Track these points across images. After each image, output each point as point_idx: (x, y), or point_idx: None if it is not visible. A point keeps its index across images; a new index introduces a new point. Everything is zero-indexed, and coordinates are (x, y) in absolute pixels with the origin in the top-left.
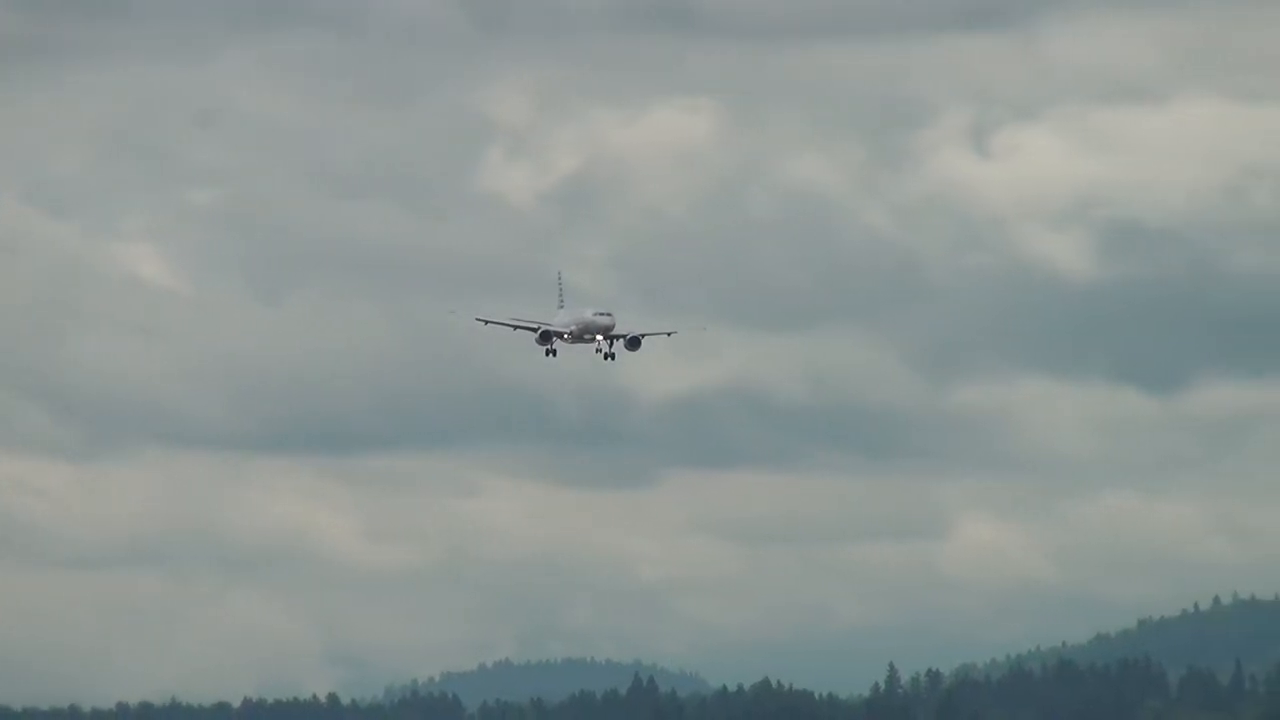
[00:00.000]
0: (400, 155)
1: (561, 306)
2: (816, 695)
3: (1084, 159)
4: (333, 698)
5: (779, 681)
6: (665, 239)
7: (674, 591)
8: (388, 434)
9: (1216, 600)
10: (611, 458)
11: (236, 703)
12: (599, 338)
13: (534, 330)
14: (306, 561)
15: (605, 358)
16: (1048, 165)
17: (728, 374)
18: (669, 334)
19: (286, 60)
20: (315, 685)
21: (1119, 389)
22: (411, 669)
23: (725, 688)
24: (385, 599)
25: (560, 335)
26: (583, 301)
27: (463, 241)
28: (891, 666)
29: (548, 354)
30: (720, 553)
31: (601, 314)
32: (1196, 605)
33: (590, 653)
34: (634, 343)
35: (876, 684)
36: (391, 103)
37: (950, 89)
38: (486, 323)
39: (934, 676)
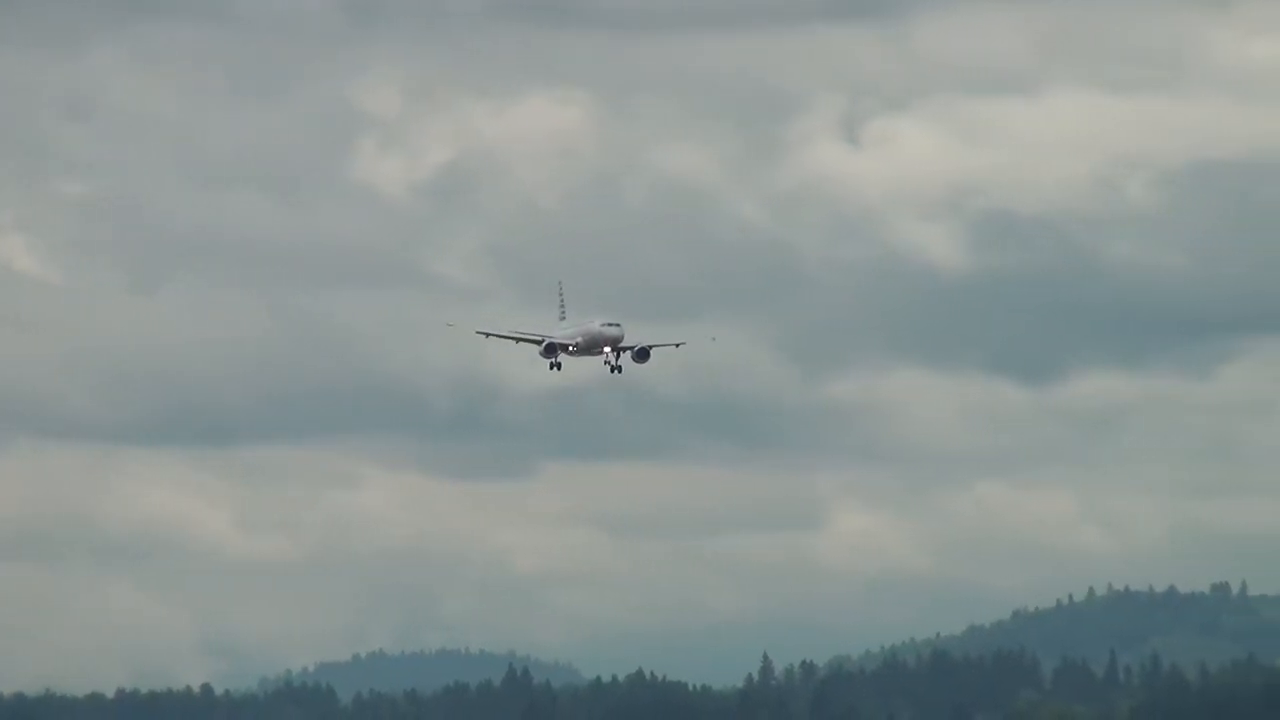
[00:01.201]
0: (272, 147)
1: (563, 318)
2: (690, 686)
3: (956, 150)
4: (206, 688)
5: (653, 673)
6: (538, 230)
7: (549, 583)
8: (262, 425)
9: (1090, 591)
10: (487, 449)
11: (110, 693)
12: (606, 349)
13: (537, 343)
14: (181, 552)
15: (612, 370)
16: (920, 156)
17: (603, 365)
18: (677, 345)
19: (158, 51)
20: (189, 676)
21: (992, 380)
22: (286, 660)
23: (599, 679)
24: (260, 590)
25: (566, 348)
26: (585, 312)
27: (335, 233)
28: (765, 658)
29: (552, 367)
30: (595, 544)
31: (610, 325)
32: (1070, 596)
33: (465, 644)
34: (642, 354)
35: (750, 675)
36: (263, 94)
37: (822, 80)
38: (488, 335)
39: (808, 668)
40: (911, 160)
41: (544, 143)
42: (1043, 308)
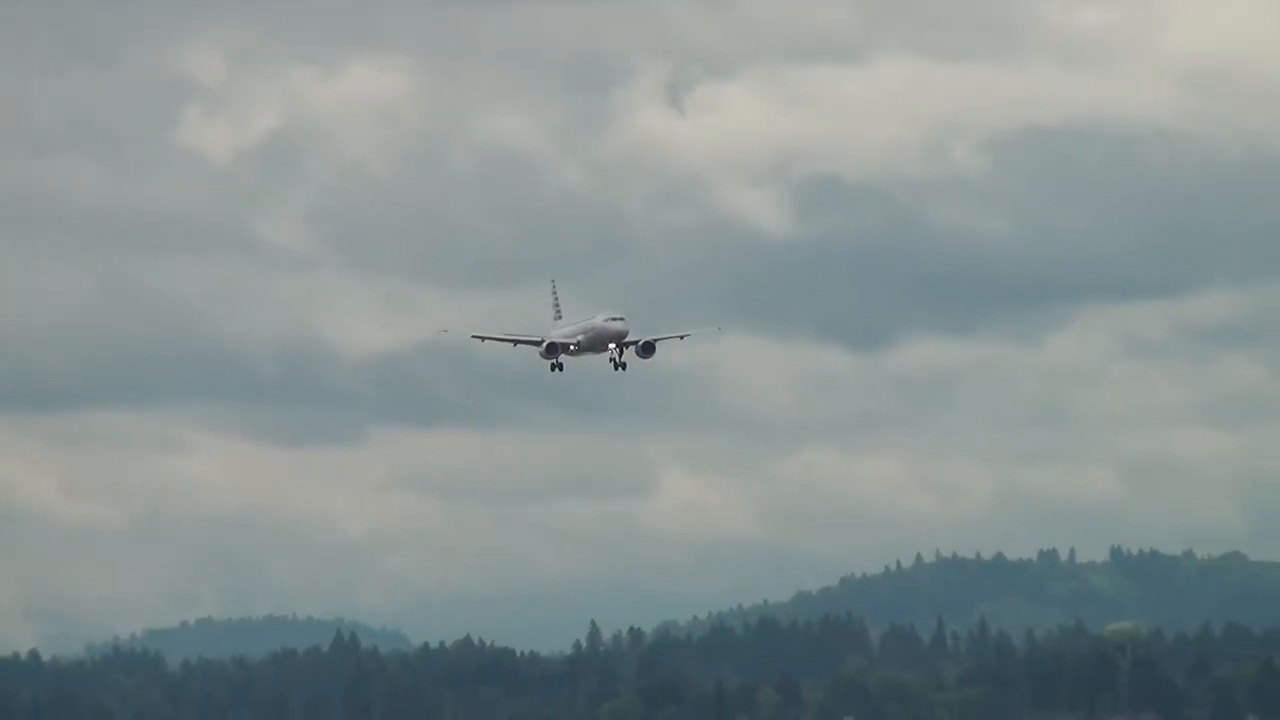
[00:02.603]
0: (98, 112)
1: (559, 317)
2: (518, 652)
3: (782, 116)
4: (34, 654)
5: (480, 638)
6: (365, 196)
7: (377, 549)
8: (89, 391)
9: (919, 558)
10: (314, 415)
11: None
12: (611, 346)
13: (537, 344)
14: (7, 518)
15: (616, 367)
16: (746, 122)
17: (431, 330)
18: (682, 337)
19: None
20: (16, 642)
21: (822, 346)
22: (113, 625)
23: (427, 645)
24: (87, 555)
25: (567, 347)
26: (581, 311)
27: (161, 199)
28: (593, 624)
29: (553, 369)
30: (423, 510)
31: (614, 319)
32: (898, 563)
33: (292, 610)
34: (648, 348)
35: (578, 641)
36: (89, 60)
37: (648, 47)
38: (484, 339)
39: (635, 634)
40: (737, 126)
41: (369, 109)
42: (871, 274)
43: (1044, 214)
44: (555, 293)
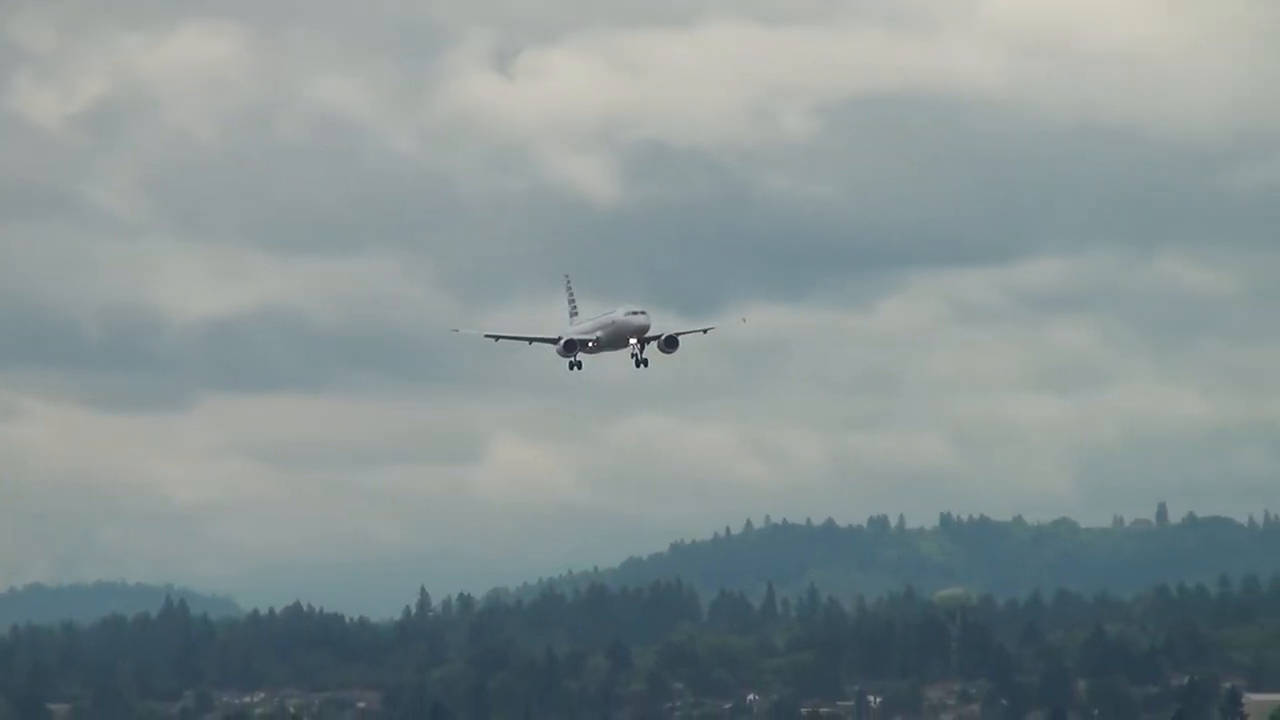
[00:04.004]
0: None
1: (574, 313)
2: (348, 618)
3: (609, 82)
4: None
5: (310, 605)
6: (195, 162)
7: (207, 515)
8: None
9: (748, 524)
10: (144, 381)
11: None
12: (632, 341)
13: (553, 343)
14: None
15: (638, 364)
16: (572, 88)
17: (260, 297)
18: (705, 330)
19: None
20: None
21: (652, 312)
22: None
23: (257, 611)
24: None
25: (585, 344)
26: (595, 304)
27: None
28: (423, 590)
29: (572, 367)
30: (253, 477)
31: (635, 312)
32: (728, 529)
33: (122, 576)
34: (671, 343)
35: (408, 608)
36: None
37: (474, 13)
38: (497, 339)
39: (465, 600)
40: (564, 92)
41: (197, 75)
42: (701, 240)
43: (874, 180)
44: (570, 288)
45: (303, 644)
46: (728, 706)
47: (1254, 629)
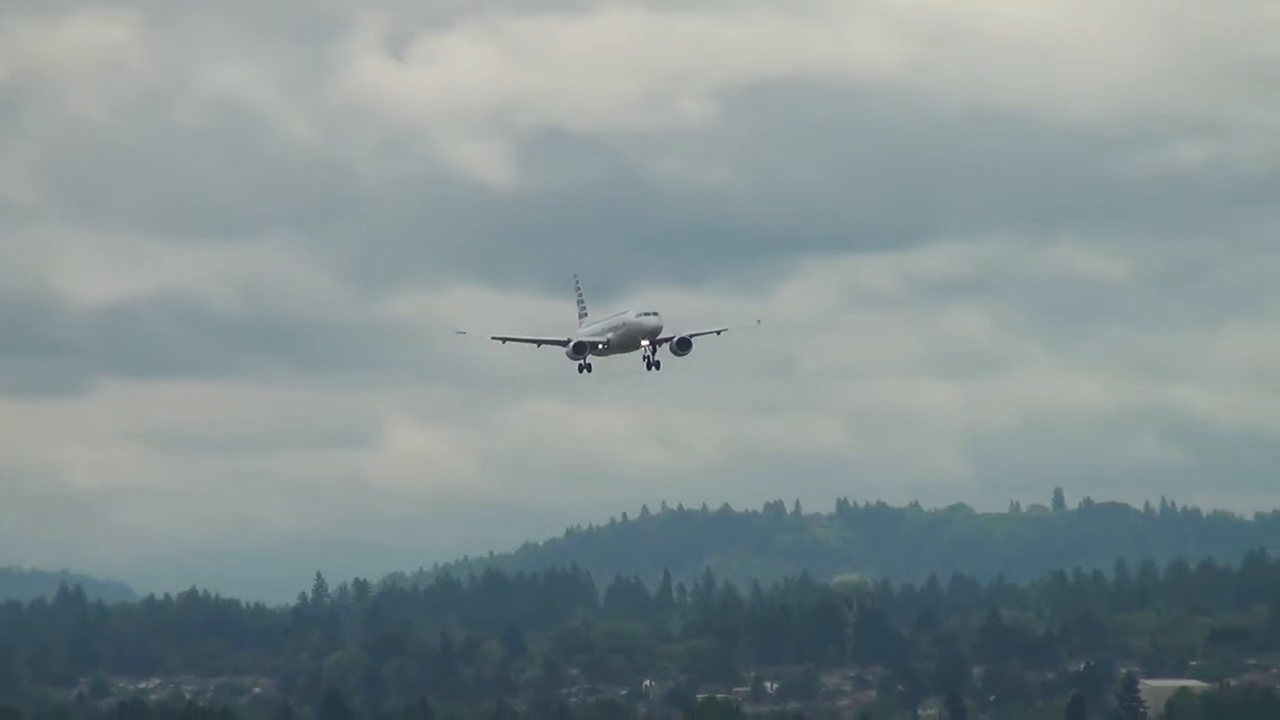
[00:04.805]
0: None
1: (584, 315)
2: (244, 604)
3: (504, 68)
4: None
5: (206, 591)
6: (92, 148)
7: (104, 501)
8: None
9: (645, 510)
10: (42, 366)
11: None
12: (644, 343)
13: (562, 345)
14: None
15: (650, 366)
16: (467, 74)
17: (158, 283)
18: (719, 332)
19: None
20: None
21: (547, 297)
22: None
23: (153, 596)
24: None
25: (596, 347)
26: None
27: None
28: (319, 576)
29: (581, 370)
30: (151, 462)
31: (647, 314)
32: (624, 514)
33: (18, 561)
34: (684, 344)
35: (304, 593)
36: None
37: None
38: (505, 341)
39: (361, 586)
40: (460, 78)
41: (94, 61)
42: (597, 225)
43: (770, 166)
44: (579, 289)
45: (198, 630)
46: (624, 693)
47: (1150, 615)
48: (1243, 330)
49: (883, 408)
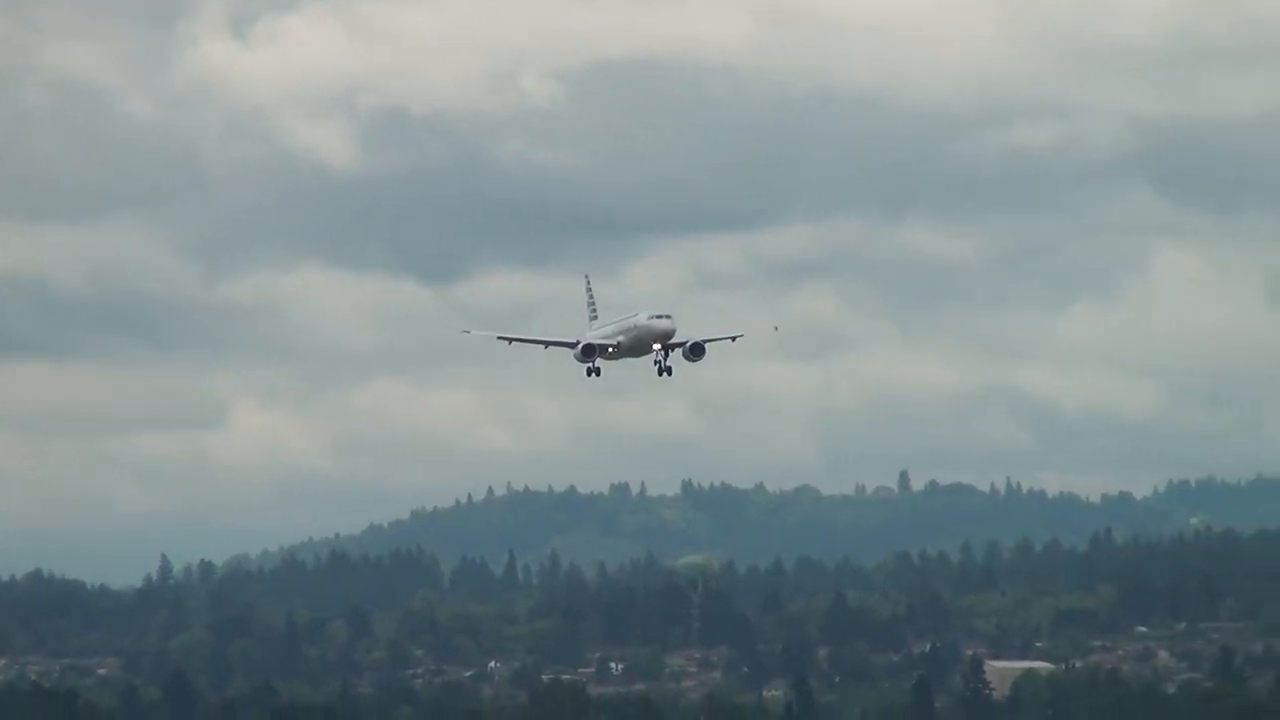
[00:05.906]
0: None
1: (594, 317)
2: (89, 585)
3: (346, 48)
4: None
5: (51, 571)
6: None
7: None
8: None
9: (490, 491)
10: None
11: None
12: (656, 347)
13: (570, 346)
14: None
15: (660, 372)
16: (310, 55)
17: (3, 263)
18: (734, 338)
19: None
20: None
21: (395, 279)
22: None
23: None
24: None
25: (605, 350)
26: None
27: None
28: (164, 557)
29: (590, 373)
30: None
31: (659, 316)
32: (470, 496)
33: None
34: (697, 350)
35: (149, 574)
36: None
37: None
38: (511, 341)
39: (206, 567)
40: (302, 59)
41: None
42: (443, 207)
43: (617, 147)
44: (590, 290)
45: (44, 610)
46: (469, 674)
47: (995, 596)
48: (1089, 311)
49: (728, 389)
